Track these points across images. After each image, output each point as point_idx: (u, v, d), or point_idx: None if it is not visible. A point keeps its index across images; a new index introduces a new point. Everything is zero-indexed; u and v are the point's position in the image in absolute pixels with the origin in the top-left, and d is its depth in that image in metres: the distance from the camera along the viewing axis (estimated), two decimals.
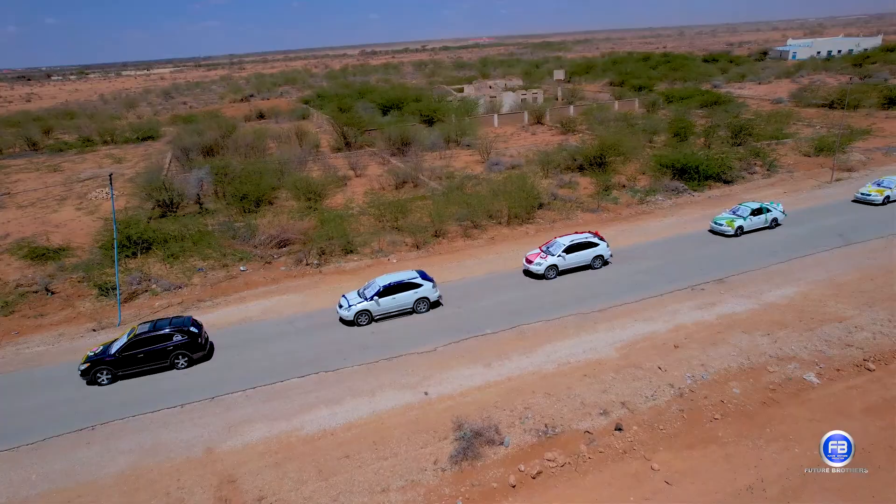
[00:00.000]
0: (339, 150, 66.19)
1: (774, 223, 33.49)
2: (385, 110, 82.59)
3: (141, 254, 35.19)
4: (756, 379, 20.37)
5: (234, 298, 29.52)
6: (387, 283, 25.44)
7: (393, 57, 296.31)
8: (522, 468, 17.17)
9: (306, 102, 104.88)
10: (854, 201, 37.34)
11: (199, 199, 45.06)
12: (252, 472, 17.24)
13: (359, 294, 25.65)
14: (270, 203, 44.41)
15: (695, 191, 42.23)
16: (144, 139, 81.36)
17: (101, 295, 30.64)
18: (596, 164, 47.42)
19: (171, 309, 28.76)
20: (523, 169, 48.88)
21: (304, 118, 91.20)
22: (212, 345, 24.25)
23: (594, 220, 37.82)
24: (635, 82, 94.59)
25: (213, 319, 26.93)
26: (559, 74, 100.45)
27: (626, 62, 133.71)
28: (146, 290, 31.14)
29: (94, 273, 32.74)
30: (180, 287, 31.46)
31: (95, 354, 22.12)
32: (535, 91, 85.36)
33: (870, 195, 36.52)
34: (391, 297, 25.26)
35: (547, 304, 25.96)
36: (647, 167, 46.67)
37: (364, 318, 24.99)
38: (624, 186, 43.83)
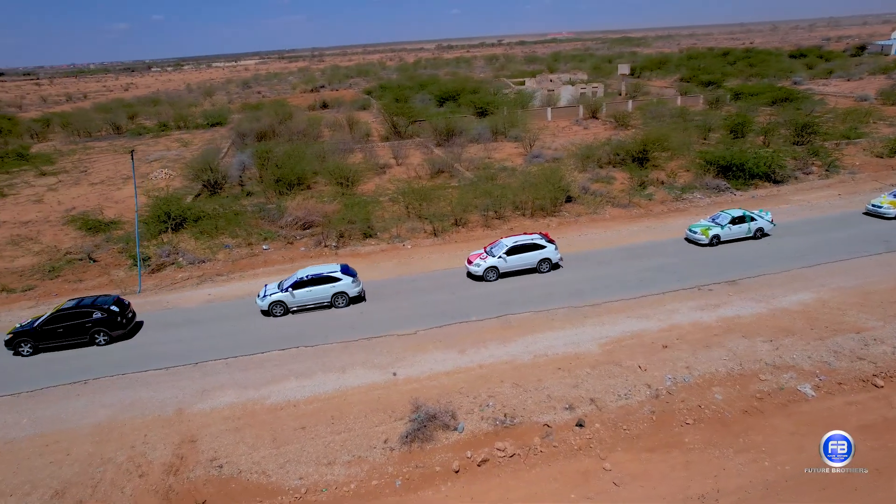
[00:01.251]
0: (387, 139, 67.21)
1: (760, 233, 30.48)
2: (442, 102, 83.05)
3: (176, 229, 37.27)
4: (744, 386, 19.00)
5: (249, 274, 30.75)
6: (304, 275, 25.38)
7: (468, 51, 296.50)
8: (469, 455, 16.92)
9: (368, 93, 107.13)
10: (865, 213, 33.56)
11: (241, 180, 47.14)
12: (213, 434, 17.98)
13: (278, 285, 25.62)
14: (308, 187, 45.76)
15: (738, 190, 39.69)
16: (213, 125, 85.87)
17: (134, 265, 32.77)
18: (637, 159, 45.54)
19: (190, 280, 30.37)
20: (563, 162, 47.81)
21: (363, 108, 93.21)
22: (138, 324, 25.23)
23: (623, 215, 36.41)
24: (705, 78, 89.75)
25: (223, 292, 28.23)
26: (624, 69, 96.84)
27: (703, 58, 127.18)
28: (173, 263, 32.99)
29: (132, 245, 35.04)
30: (204, 261, 33.10)
31: (21, 326, 23.34)
32: (595, 85, 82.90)
33: (881, 207, 32.54)
34: (307, 289, 25.08)
35: (542, 296, 25.31)
36: (692, 164, 44.32)
37: (279, 309, 24.93)
38: (663, 183, 41.85)
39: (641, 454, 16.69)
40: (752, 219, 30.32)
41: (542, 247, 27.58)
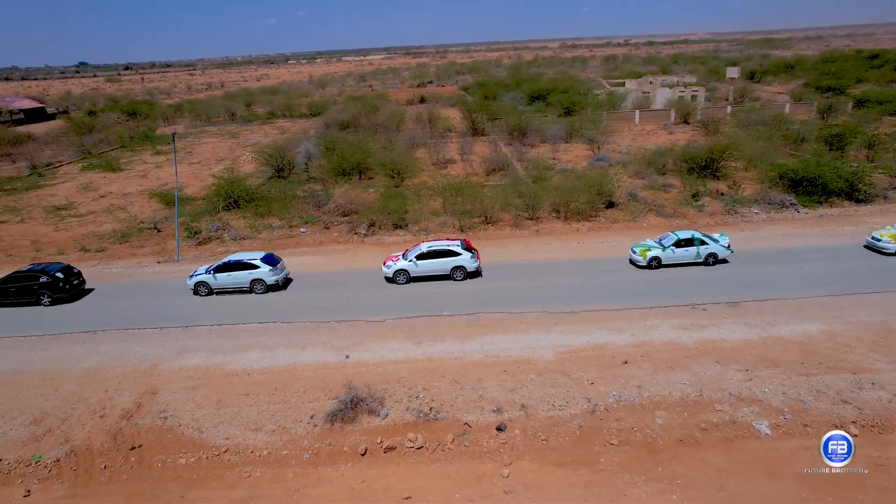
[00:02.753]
0: (466, 134, 67.99)
1: (712, 259, 27.33)
2: (533, 100, 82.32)
3: (233, 208, 40.73)
4: (692, 414, 17.58)
5: (276, 253, 32.97)
6: (227, 260, 26.98)
7: (591, 51, 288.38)
8: (380, 441, 17.35)
9: (466, 90, 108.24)
10: (865, 247, 28.84)
11: (306, 167, 50.26)
12: (171, 389, 19.92)
13: (205, 269, 27.23)
14: (370, 178, 47.69)
15: (805, 206, 35.72)
16: (314, 115, 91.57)
17: (188, 237, 36.42)
18: (702, 167, 42.43)
19: (225, 254, 33.16)
20: (623, 167, 45.86)
21: (455, 105, 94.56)
22: (85, 290, 28.26)
23: (662, 224, 34.30)
24: (828, 83, 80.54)
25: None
26: (733, 72, 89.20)
27: (842, 60, 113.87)
28: (218, 238, 36.23)
29: (194, 219, 38.94)
30: (245, 238, 36.00)
31: (7, 280, 26.82)
32: (695, 89, 77.58)
33: (880, 241, 27.92)
34: (227, 273, 26.62)
35: (521, 298, 24.82)
36: (764, 176, 40.50)
37: (203, 289, 26.69)
38: (722, 194, 38.70)
39: (547, 467, 16.14)
40: (704, 242, 27.34)
41: (457, 254, 27.04)
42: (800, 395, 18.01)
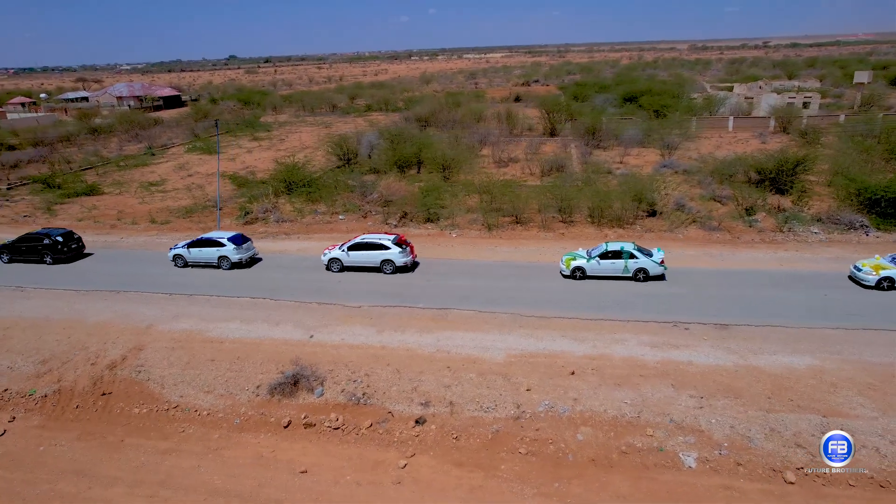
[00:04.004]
0: (543, 134, 67.03)
1: (642, 274, 25.48)
2: (626, 102, 79.00)
3: (288, 193, 43.47)
4: (619, 435, 16.55)
5: (305, 237, 34.98)
6: (200, 237, 30.26)
7: (722, 53, 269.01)
8: (304, 416, 18.18)
9: (562, 90, 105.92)
10: (849, 277, 25.25)
11: (369, 157, 52.26)
12: (155, 348, 22.10)
13: (183, 244, 30.26)
14: (430, 172, 48.64)
15: (878, 229, 31.40)
16: (408, 109, 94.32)
17: (240, 216, 39.57)
18: (768, 179, 38.65)
19: (264, 234, 35.66)
20: (688, 174, 43.05)
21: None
22: (83, 254, 32.31)
23: (700, 238, 31.86)
24: None
25: (271, 246, 32.86)
26: (862, 77, 78.80)
27: None
28: (264, 219, 38.98)
29: (252, 199, 42.18)
30: (287, 221, 38.44)
31: (3, 244, 31.88)
32: (808, 94, 70.00)
33: (860, 270, 24.60)
34: (198, 249, 29.63)
35: (501, 299, 24.38)
36: (843, 192, 36.07)
37: (180, 262, 30.01)
38: (784, 209, 35.02)
39: (445, 465, 16.07)
40: (634, 256, 25.49)
41: (387, 248, 27.70)
42: (749, 431, 16.28)
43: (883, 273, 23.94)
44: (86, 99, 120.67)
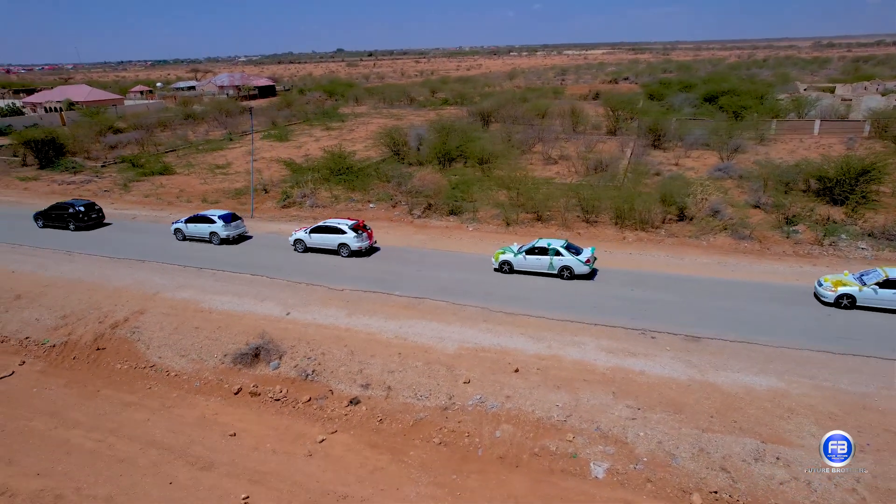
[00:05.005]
0: (607, 133, 64.98)
1: (567, 273, 25.37)
2: (706, 102, 74.52)
3: (331, 180, 45.35)
4: (538, 437, 16.24)
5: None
6: (195, 214, 33.14)
7: (849, 51, 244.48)
8: (254, 386, 19.36)
9: (644, 88, 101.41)
10: (814, 293, 23.21)
11: (418, 149, 53.20)
12: (153, 313, 24.23)
13: (183, 219, 33.14)
14: (474, 165, 48.97)
15: None
16: (476, 104, 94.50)
17: (281, 199, 41.87)
18: (827, 189, 35.28)
19: (295, 218, 37.61)
20: (742, 180, 40.33)
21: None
22: (103, 224, 36.20)
23: (726, 246, 29.80)
24: None
25: (294, 229, 34.52)
26: None
27: None
28: (300, 203, 41.01)
29: (294, 185, 44.47)
30: (321, 206, 40.21)
31: (37, 211, 36.20)
32: None
33: (821, 285, 22.72)
34: (195, 225, 32.38)
35: (478, 292, 24.24)
36: None
37: (179, 235, 32.80)
38: (834, 221, 31.88)
39: (360, 445, 16.59)
40: (559, 254, 25.42)
41: (343, 232, 29.11)
42: (676, 448, 15.37)
43: (842, 290, 21.82)
44: (193, 88, 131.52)
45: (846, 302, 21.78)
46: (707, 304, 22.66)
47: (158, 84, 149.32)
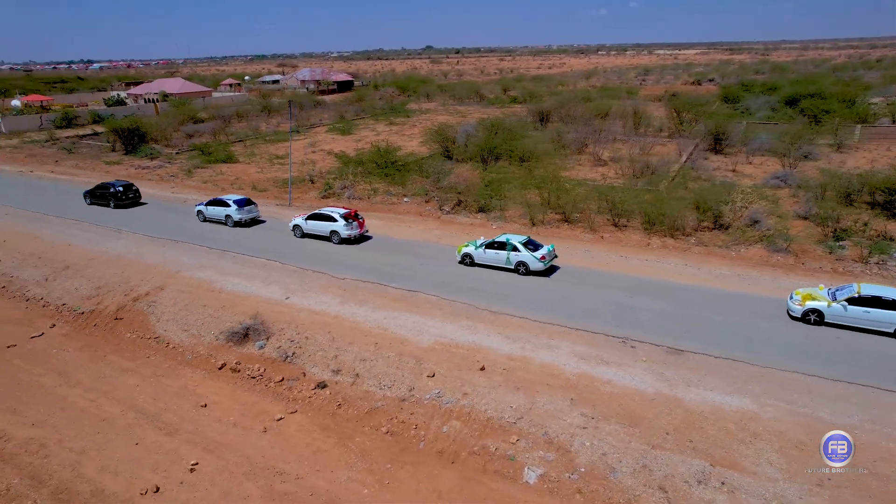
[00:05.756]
0: (670, 135, 62.29)
1: (523, 268, 25.86)
2: (788, 105, 69.55)
3: (376, 174, 46.47)
4: (483, 436, 16.17)
5: (363, 214, 37.47)
6: (213, 198, 35.75)
7: None
8: (236, 363, 20.52)
9: (723, 89, 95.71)
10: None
11: (465, 146, 53.38)
12: (172, 289, 26.07)
13: (204, 203, 35.74)
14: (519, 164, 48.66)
15: None
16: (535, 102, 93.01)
17: (323, 189, 43.52)
18: (891, 202, 32.15)
19: (331, 204, 38.92)
20: (799, 190, 37.60)
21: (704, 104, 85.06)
22: (139, 203, 39.72)
23: (757, 258, 27.89)
24: None
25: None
26: None
27: None
28: (338, 195, 42.37)
29: (335, 177, 46.04)
30: (357, 199, 41.40)
31: (86, 190, 40.27)
32: None
33: (792, 298, 21.46)
34: (213, 207, 34.79)
35: (469, 290, 24.14)
36: None
37: (200, 217, 35.37)
38: (891, 239, 29.02)
39: (312, 426, 17.23)
40: (516, 249, 25.90)
41: (334, 220, 30.66)
42: (619, 462, 14.80)
43: (810, 304, 20.52)
44: (277, 82, 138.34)
45: (814, 317, 20.50)
46: (705, 316, 21.40)
47: (246, 77, 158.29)
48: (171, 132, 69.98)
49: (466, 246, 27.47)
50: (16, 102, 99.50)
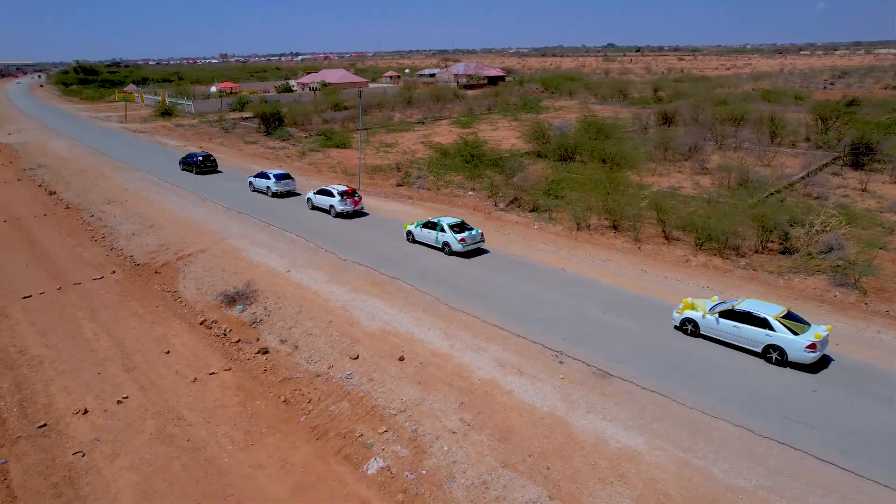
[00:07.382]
0: (814, 146, 54.16)
1: (448, 248, 27.73)
2: None
3: (458, 166, 47.14)
4: (358, 421, 16.48)
5: (418, 203, 38.62)
6: (258, 172, 40.66)
7: None
8: (213, 321, 22.95)
9: None
10: None
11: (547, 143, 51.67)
12: (209, 253, 29.54)
13: (255, 175, 40.56)
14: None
15: None
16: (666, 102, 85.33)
17: (404, 178, 45.38)
18: None
19: (393, 194, 40.68)
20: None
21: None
22: (215, 171, 47.08)
23: (810, 292, 23.65)
24: None
25: (380, 206, 37.45)
26: None
27: None
28: (412, 183, 43.85)
29: (415, 166, 47.64)
30: (425, 189, 42.55)
31: (185, 158, 47.20)
32: None
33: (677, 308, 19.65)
34: (258, 179, 39.91)
35: (451, 284, 23.74)
36: None
37: (250, 188, 40.46)
38: None
39: (231, 385, 18.88)
40: (443, 230, 27.78)
41: (333, 196, 34.30)
42: (462, 473, 14.19)
43: (687, 314, 19.47)
44: (433, 75, 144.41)
45: (690, 328, 19.55)
46: (675, 345, 18.91)
47: (406, 70, 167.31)
48: (312, 118, 77.14)
49: (411, 224, 29.95)
50: (213, 89, 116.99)
